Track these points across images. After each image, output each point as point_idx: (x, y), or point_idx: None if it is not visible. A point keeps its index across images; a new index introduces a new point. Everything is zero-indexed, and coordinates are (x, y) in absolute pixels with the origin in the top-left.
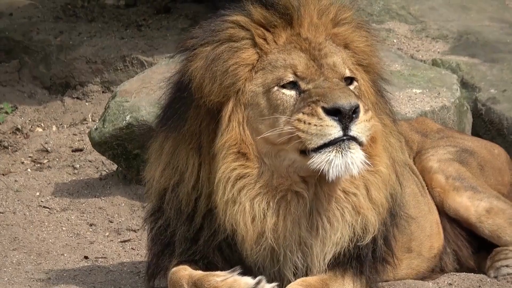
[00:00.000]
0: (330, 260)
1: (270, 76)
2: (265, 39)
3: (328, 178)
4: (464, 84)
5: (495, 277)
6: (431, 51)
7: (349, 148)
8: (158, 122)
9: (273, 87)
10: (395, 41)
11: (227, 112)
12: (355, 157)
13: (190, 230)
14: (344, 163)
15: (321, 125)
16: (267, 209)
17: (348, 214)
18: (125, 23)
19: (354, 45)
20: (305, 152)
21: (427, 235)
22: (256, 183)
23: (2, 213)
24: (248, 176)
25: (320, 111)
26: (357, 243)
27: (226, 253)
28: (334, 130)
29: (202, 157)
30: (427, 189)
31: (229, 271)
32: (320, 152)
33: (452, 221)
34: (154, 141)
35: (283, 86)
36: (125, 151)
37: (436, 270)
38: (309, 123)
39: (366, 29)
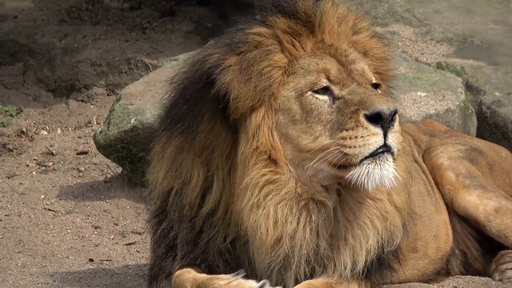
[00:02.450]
0: (362, 269)
1: (302, 81)
2: (293, 45)
3: (366, 189)
4: (468, 87)
5: (500, 280)
6: (436, 54)
7: (387, 160)
8: (160, 123)
9: (306, 91)
10: (399, 44)
11: (258, 118)
12: (391, 170)
13: (192, 233)
14: (380, 175)
15: (368, 135)
16: (289, 215)
17: (377, 221)
18: (129, 25)
19: (373, 52)
20: (341, 165)
21: (433, 235)
22: (283, 189)
23: (7, 215)
24: (277, 182)
25: (363, 120)
26: (386, 249)
27: (226, 258)
28: (378, 138)
29: (214, 171)
30: (437, 186)
31: (233, 274)
32: (359, 165)
33: (462, 220)
34: (157, 143)
35: (316, 92)
36: (130, 154)
37: (442, 272)
38: (356, 137)
39: (379, 38)
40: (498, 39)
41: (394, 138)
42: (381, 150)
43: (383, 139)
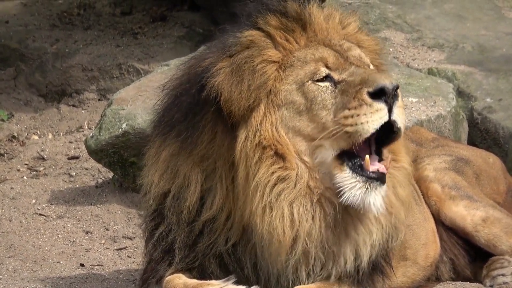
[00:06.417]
0: (368, 263)
1: (301, 72)
2: (287, 40)
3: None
4: (460, 93)
5: (491, 286)
6: (427, 60)
7: (375, 189)
8: (154, 128)
9: (307, 81)
10: (391, 49)
11: (258, 116)
12: (379, 198)
13: (190, 236)
14: (371, 201)
15: (371, 112)
16: (305, 212)
17: (381, 215)
18: (121, 31)
19: (366, 44)
20: (342, 159)
21: (422, 243)
22: (296, 186)
23: None
24: (288, 178)
25: (366, 97)
26: (391, 243)
27: (225, 261)
28: (383, 113)
29: (217, 180)
30: (424, 198)
31: (224, 280)
32: (351, 186)
33: (449, 229)
34: (151, 147)
35: (317, 80)
36: (121, 159)
37: (432, 279)
38: (358, 115)
39: (367, 33)
40: (489, 45)
41: (399, 113)
42: (374, 176)
43: (387, 114)
